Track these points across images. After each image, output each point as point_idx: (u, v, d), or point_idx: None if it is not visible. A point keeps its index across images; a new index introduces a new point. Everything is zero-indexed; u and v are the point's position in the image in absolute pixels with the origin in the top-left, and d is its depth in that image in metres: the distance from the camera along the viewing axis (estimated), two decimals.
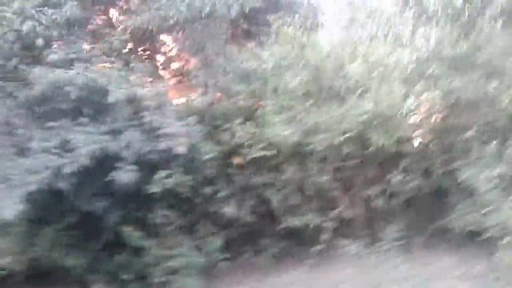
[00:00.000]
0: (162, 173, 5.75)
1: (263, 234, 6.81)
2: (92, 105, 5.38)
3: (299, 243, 6.83)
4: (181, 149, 5.32)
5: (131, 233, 6.09)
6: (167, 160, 5.75)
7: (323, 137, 5.78)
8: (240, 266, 6.81)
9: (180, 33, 6.32)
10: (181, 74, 6.04)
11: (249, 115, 6.26)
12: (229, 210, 6.31)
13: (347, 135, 5.71)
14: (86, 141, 5.14)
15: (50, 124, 5.27)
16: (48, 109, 5.36)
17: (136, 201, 6.09)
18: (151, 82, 5.70)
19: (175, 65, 5.99)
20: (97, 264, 6.48)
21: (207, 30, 6.59)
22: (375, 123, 5.61)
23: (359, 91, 5.86)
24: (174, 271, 6.20)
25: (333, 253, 6.51)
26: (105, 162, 5.40)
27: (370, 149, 5.82)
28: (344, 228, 6.54)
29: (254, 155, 6.00)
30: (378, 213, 6.50)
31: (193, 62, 6.17)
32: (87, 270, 6.44)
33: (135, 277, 6.40)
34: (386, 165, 6.25)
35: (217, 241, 6.40)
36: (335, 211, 6.39)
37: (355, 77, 5.98)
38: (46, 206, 5.83)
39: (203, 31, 6.53)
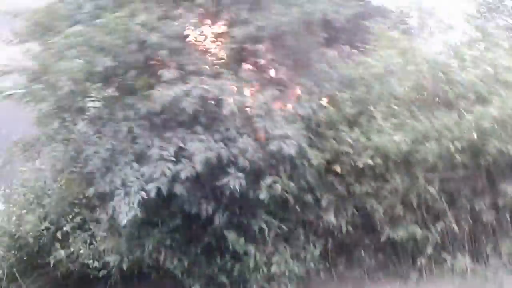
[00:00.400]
0: (269, 180, 5.78)
1: (360, 245, 6.66)
2: (206, 115, 5.53)
3: (397, 257, 6.63)
4: (291, 150, 5.32)
5: (234, 238, 6.16)
6: (274, 166, 5.78)
7: (434, 145, 5.55)
8: (335, 277, 6.71)
9: (280, 41, 6.32)
10: (283, 82, 6.03)
11: (354, 122, 6.15)
12: (328, 219, 6.21)
13: (460, 143, 5.45)
14: (201, 148, 5.25)
15: (168, 134, 5.45)
16: (166, 120, 5.58)
17: (240, 207, 6.16)
18: (258, 90, 5.74)
19: (276, 73, 5.98)
20: (196, 267, 6.62)
21: (305, 37, 6.56)
22: (498, 130, 5.31)
23: (474, 97, 5.59)
24: (272, 278, 6.22)
25: (435, 268, 6.28)
26: (216, 168, 5.51)
27: (486, 157, 5.52)
28: (449, 242, 6.27)
29: (359, 163, 5.86)
30: (487, 227, 6.17)
31: (296, 70, 6.15)
32: (186, 272, 6.59)
33: (233, 282, 6.48)
34: (499, 175, 5.92)
35: (315, 250, 6.35)
36: (440, 224, 6.12)
37: (468, 83, 5.71)
38: (156, 210, 6.04)
39: (301, 37, 6.51)
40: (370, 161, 5.77)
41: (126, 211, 5.36)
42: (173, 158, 5.31)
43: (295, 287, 6.13)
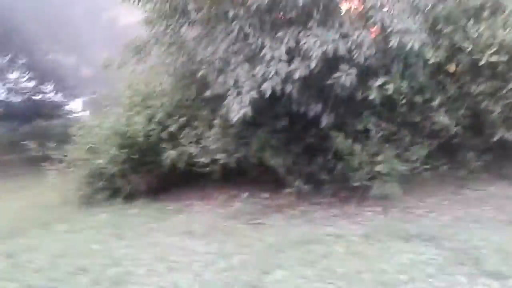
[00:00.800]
0: (381, 79, 5.63)
1: (466, 146, 6.52)
2: (320, 10, 5.29)
3: (503, 159, 6.45)
4: (415, 45, 5.09)
5: (339, 137, 6.22)
6: (386, 65, 5.59)
7: None
8: (437, 177, 6.68)
9: None
10: None
11: (476, 17, 5.68)
12: (438, 119, 6.05)
13: None
14: (316, 44, 5.13)
15: (280, 32, 5.34)
16: (277, 17, 5.39)
17: (348, 106, 6.12)
18: None
19: None
20: (298, 165, 6.83)
21: None
22: None
23: None
24: (374, 177, 6.31)
25: None
26: (328, 66, 5.42)
27: None
28: None
29: (479, 61, 5.50)
30: None
31: None
32: (288, 170, 6.84)
33: (334, 180, 6.66)
34: None
35: (420, 151, 6.29)
36: None
37: None
38: (264, 111, 6.14)
39: None
40: (493, 58, 5.38)
41: (238, 109, 5.51)
42: (285, 57, 5.25)
43: (397, 185, 6.16)
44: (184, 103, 7.33)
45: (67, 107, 22.49)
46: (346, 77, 5.40)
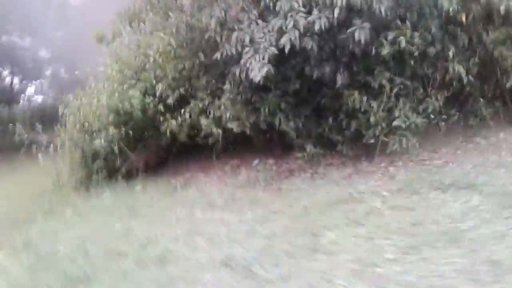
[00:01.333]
0: (393, 33, 5.53)
1: (478, 95, 6.58)
2: None
3: None
4: None
5: (353, 96, 6.12)
6: (400, 16, 5.48)
7: None
8: (447, 128, 6.74)
9: None
10: None
11: None
12: (451, 70, 6.05)
13: None
14: None
15: None
16: None
17: (361, 63, 6.00)
18: None
19: None
20: (309, 128, 6.72)
21: None
22: None
23: None
24: (389, 132, 6.29)
25: None
26: (344, 19, 5.25)
27: None
28: None
29: (496, 8, 5.48)
30: None
31: None
32: (299, 133, 6.71)
33: (347, 139, 6.60)
34: None
35: (434, 103, 6.29)
36: None
37: None
38: (274, 74, 5.90)
39: None
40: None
41: (259, 67, 5.27)
42: (303, 9, 5.03)
43: (414, 139, 6.18)
44: (183, 74, 6.95)
45: (27, 91, 21.41)
46: (360, 31, 5.25)
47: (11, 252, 5.12)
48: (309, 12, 5.11)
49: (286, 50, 5.11)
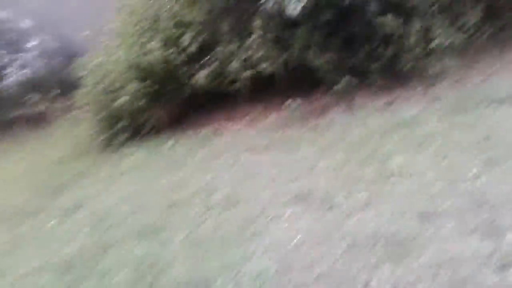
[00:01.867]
0: None
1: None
2: None
3: None
4: None
5: (388, 21, 5.85)
6: None
7: None
8: (483, 42, 6.49)
9: None
10: None
11: None
12: None
13: None
14: None
15: None
16: None
17: None
18: None
19: None
20: (342, 60, 6.48)
21: None
22: None
23: None
24: (427, 54, 6.08)
25: None
26: None
27: None
28: None
29: None
30: None
31: None
32: (332, 67, 6.47)
33: (381, 68, 6.38)
34: None
35: (472, 18, 6.04)
36: None
37: None
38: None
39: None
40: None
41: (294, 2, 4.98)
42: None
43: (454, 57, 5.97)
44: (205, 18, 6.60)
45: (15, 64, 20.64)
46: None
47: (64, 216, 5.01)
48: None
49: None
